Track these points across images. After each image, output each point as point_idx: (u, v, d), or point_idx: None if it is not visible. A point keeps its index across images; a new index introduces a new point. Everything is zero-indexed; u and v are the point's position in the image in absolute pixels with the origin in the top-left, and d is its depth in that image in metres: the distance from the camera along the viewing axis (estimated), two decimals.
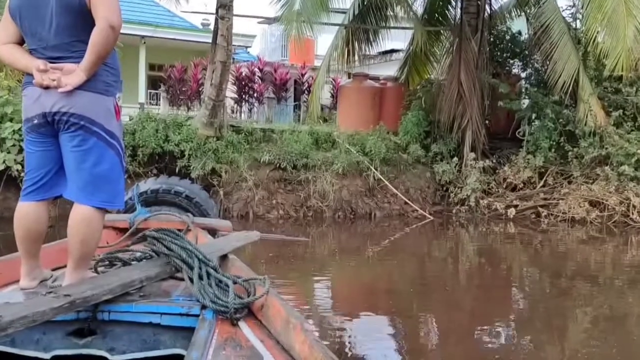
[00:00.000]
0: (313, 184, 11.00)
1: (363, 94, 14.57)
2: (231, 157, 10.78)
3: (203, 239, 3.85)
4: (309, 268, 7.79)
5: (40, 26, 2.63)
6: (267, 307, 2.54)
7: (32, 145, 2.76)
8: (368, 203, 11.37)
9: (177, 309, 2.58)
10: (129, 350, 2.58)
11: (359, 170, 11.81)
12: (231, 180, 10.67)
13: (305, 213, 11.02)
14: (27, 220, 2.76)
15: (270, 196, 10.79)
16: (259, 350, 2.26)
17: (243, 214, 10.63)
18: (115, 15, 2.58)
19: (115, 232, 4.00)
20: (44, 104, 2.61)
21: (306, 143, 11.31)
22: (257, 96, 18.13)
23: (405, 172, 12.50)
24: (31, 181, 2.78)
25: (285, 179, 11.06)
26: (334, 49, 14.11)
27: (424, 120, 13.28)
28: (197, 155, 10.52)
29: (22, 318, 2.08)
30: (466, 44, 12.83)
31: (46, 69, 2.58)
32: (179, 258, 2.82)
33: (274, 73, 19.22)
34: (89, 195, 2.68)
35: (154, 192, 4.74)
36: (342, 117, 14.36)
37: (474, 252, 9.52)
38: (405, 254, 9.23)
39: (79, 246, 2.68)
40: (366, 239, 10.44)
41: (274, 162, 10.97)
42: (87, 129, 2.66)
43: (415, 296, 6.48)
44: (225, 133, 11.14)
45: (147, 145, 10.35)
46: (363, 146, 12.32)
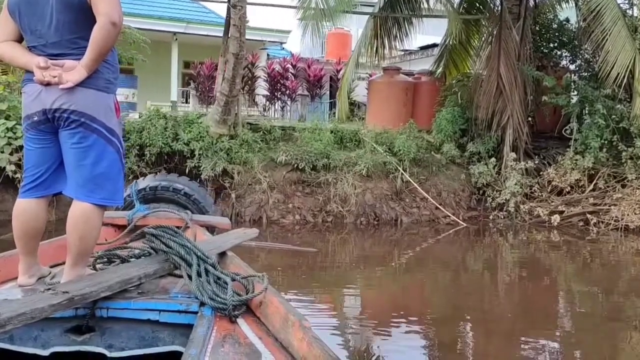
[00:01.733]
0: (333, 186, 10.29)
1: (394, 89, 13.92)
2: (245, 157, 9.99)
3: (202, 236, 3.92)
4: (330, 279, 7.46)
5: (40, 23, 2.66)
6: (265, 304, 2.57)
7: (32, 142, 2.80)
8: (394, 208, 10.41)
9: (175, 306, 2.61)
10: (128, 347, 2.60)
11: (385, 172, 11.28)
12: (244, 182, 9.88)
13: (324, 218, 10.24)
14: (25, 217, 2.79)
15: (286, 200, 9.93)
16: (257, 348, 2.28)
17: (256, 218, 10.04)
18: (116, 11, 2.60)
19: (114, 229, 4.08)
20: (44, 101, 2.65)
21: (327, 142, 10.42)
22: (290, 93, 17.45)
23: (437, 174, 11.88)
24: (30, 178, 2.81)
25: (303, 181, 10.40)
26: (363, 42, 12.85)
27: (460, 117, 12.57)
28: (207, 155, 9.84)
29: (20, 315, 2.09)
30: (507, 33, 12.11)
31: (47, 65, 2.61)
32: (177, 255, 2.86)
33: (308, 69, 18.61)
34: (88, 192, 2.72)
35: (152, 189, 4.81)
36: (371, 114, 13.64)
37: (513, 263, 8.95)
38: (437, 263, 8.73)
39: (78, 243, 2.71)
40: (392, 247, 9.83)
41: (291, 163, 10.31)
42: (88, 126, 2.70)
43: (450, 308, 6.18)
44: (239, 131, 10.18)
45: (155, 144, 9.45)
46: (391, 145, 11.76)
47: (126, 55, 18.09)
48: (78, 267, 2.77)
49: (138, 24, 18.60)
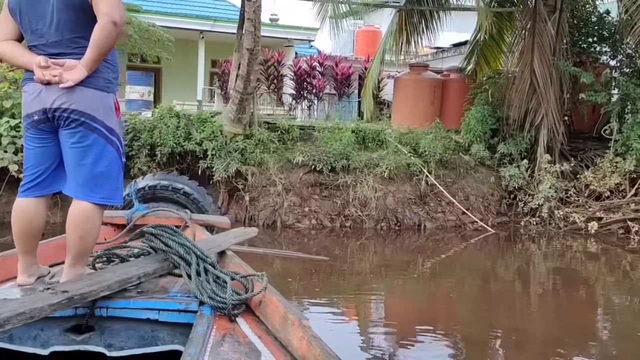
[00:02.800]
0: (353, 189, 9.79)
1: (421, 86, 13.49)
2: (260, 158, 9.38)
3: (201, 235, 3.96)
4: (349, 286, 7.22)
5: (40, 22, 2.68)
6: (265, 304, 2.58)
7: (32, 142, 2.81)
8: (417, 212, 9.80)
9: (175, 305, 2.61)
10: (127, 346, 2.60)
11: (408, 174, 10.91)
12: (258, 184, 9.40)
13: (343, 223, 9.71)
14: (25, 216, 2.80)
15: (302, 203, 9.45)
16: (256, 346, 2.28)
17: (270, 222, 9.48)
18: (117, 11, 2.61)
19: (113, 228, 4.11)
20: (45, 100, 2.66)
21: (347, 142, 9.80)
22: (316, 92, 17.12)
23: (465, 177, 11.42)
24: (30, 177, 2.81)
25: (320, 183, 9.88)
26: (389, 38, 12.15)
27: (490, 116, 12.04)
28: (220, 156, 9.32)
29: (19, 314, 2.10)
30: (541, 26, 11.54)
31: (47, 65, 2.62)
32: (176, 254, 2.87)
33: (335, 67, 18.30)
34: (88, 191, 2.73)
35: (151, 188, 4.85)
36: (397, 113, 13.17)
37: (547, 273, 8.51)
38: (464, 272, 8.37)
39: (78, 242, 2.73)
40: (415, 254, 9.40)
41: (308, 164, 9.65)
42: (88, 125, 2.71)
43: (478, 321, 5.92)
44: (255, 131, 9.57)
45: (166, 144, 8.97)
46: (416, 146, 11.31)
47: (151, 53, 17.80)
48: (77, 267, 2.79)
49: (164, 22, 18.37)
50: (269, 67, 16.91)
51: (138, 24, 17.05)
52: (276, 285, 6.17)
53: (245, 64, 9.85)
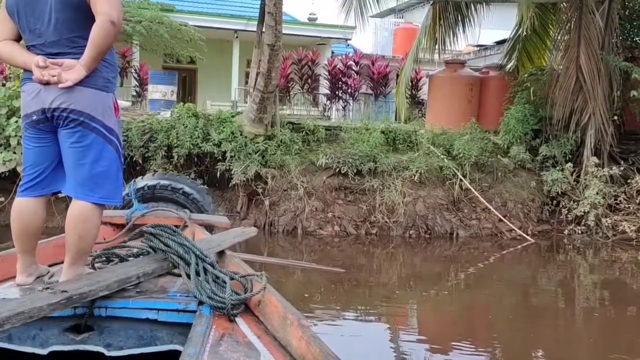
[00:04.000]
0: (380, 194, 9.17)
1: (457, 84, 12.94)
2: (281, 160, 8.69)
3: (200, 235, 3.97)
4: (376, 298, 6.90)
5: (39, 22, 2.71)
6: (264, 303, 2.62)
7: (31, 142, 2.84)
8: (449, 219, 9.17)
9: (174, 305, 2.64)
10: (126, 346, 2.64)
11: (441, 178, 10.45)
12: (279, 188, 8.73)
13: (368, 230, 9.19)
14: (24, 216, 2.84)
15: (325, 208, 8.91)
16: (256, 347, 2.30)
17: (290, 229, 8.77)
18: (116, 10, 2.64)
19: (112, 228, 4.13)
20: (44, 100, 2.69)
21: (375, 143, 9.13)
22: (351, 92, 16.71)
23: (503, 181, 10.82)
24: (29, 177, 2.85)
25: (345, 187, 9.42)
26: (423, 33, 11.38)
27: (532, 116, 11.37)
28: (239, 157, 8.67)
29: (18, 314, 2.13)
30: (588, 18, 10.82)
31: (46, 64, 2.65)
32: (176, 254, 2.92)
33: (372, 66, 17.92)
34: (87, 191, 2.77)
35: (151, 188, 4.85)
36: (431, 112, 12.85)
37: (593, 287, 8.03)
38: (502, 284, 7.97)
39: (77, 242, 2.76)
40: (447, 264, 8.92)
41: (333, 167, 8.84)
42: (87, 125, 2.74)
43: (519, 336, 5.68)
44: (277, 131, 8.97)
45: (183, 145, 8.37)
46: (450, 147, 10.76)
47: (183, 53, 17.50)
48: (76, 266, 2.81)
49: (197, 22, 18.15)
50: (302, 66, 16.50)
51: (169, 23, 16.76)
52: (298, 296, 5.77)
53: (266, 60, 9.43)
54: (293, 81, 16.50)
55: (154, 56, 18.13)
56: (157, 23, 16.60)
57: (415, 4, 26.72)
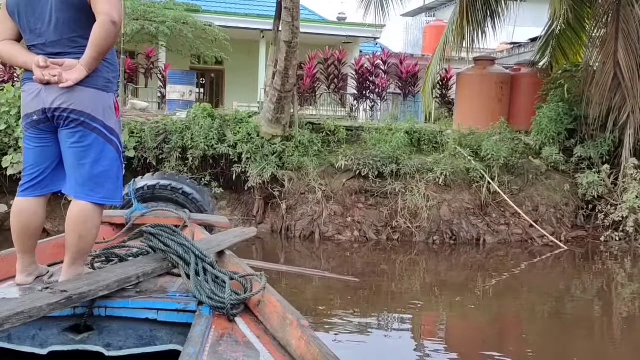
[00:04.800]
0: (402, 197, 8.61)
1: (487, 82, 12.49)
2: (299, 162, 8.36)
3: (200, 235, 3.98)
4: (399, 306, 6.67)
5: (39, 22, 2.73)
6: (263, 304, 2.62)
7: (31, 141, 2.86)
8: (476, 225, 8.75)
9: (173, 305, 2.66)
10: (126, 346, 2.66)
11: (467, 181, 10.02)
12: (296, 191, 8.32)
13: (390, 236, 8.89)
14: (24, 215, 2.86)
15: (345, 212, 8.55)
16: (255, 347, 2.30)
17: (307, 234, 8.29)
18: (116, 10, 2.66)
19: (112, 228, 4.15)
20: (44, 100, 2.71)
21: (398, 144, 8.68)
22: (379, 92, 16.29)
23: (534, 184, 10.31)
24: (29, 177, 2.87)
25: (366, 190, 9.21)
26: (450, 29, 10.84)
27: (566, 115, 10.83)
28: (256, 159, 8.27)
29: (18, 314, 2.13)
30: (627, 11, 10.34)
31: (47, 64, 2.66)
32: (175, 254, 2.93)
33: (400, 65, 17.30)
34: (88, 191, 2.79)
35: (150, 188, 4.85)
36: (459, 112, 12.60)
37: (632, 298, 7.60)
38: (533, 293, 7.60)
39: (77, 242, 2.78)
40: (474, 271, 8.54)
41: (353, 169, 8.42)
42: (87, 125, 2.75)
43: (554, 350, 5.38)
44: (295, 132, 8.55)
45: (197, 147, 7.97)
46: (478, 148, 10.31)
47: (208, 54, 17.29)
48: (76, 266, 2.82)
49: (223, 22, 17.93)
50: (329, 66, 16.10)
51: (193, 23, 16.55)
52: (316, 304, 5.66)
53: (283, 58, 9.01)
54: (319, 81, 16.11)
55: (179, 57, 17.99)
56: (181, 23, 16.42)
57: (447, 2, 26.10)
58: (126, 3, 16.05)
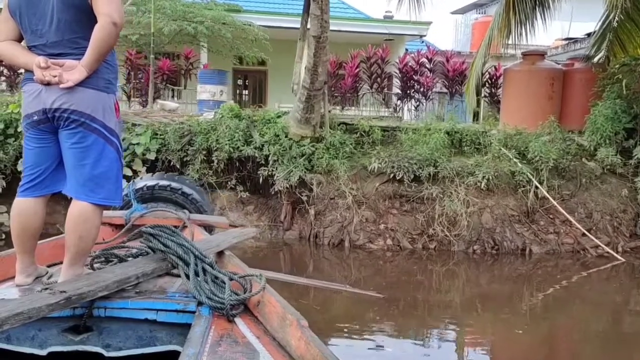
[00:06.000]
0: (440, 203, 7.88)
1: (536, 79, 11.64)
2: (329, 164, 7.72)
3: (199, 235, 4.03)
4: (439, 320, 6.28)
5: (40, 23, 2.79)
6: (263, 304, 2.66)
7: (31, 142, 2.92)
8: (522, 233, 8.05)
9: (173, 306, 2.70)
10: (125, 346, 2.70)
11: (512, 185, 9.24)
12: (325, 196, 7.70)
13: (426, 244, 8.08)
14: (24, 216, 2.91)
15: (377, 219, 8.01)
16: (255, 347, 2.33)
17: (336, 242, 7.52)
18: (117, 12, 2.71)
19: (111, 228, 4.17)
20: (45, 101, 2.77)
21: (436, 145, 8.03)
22: (424, 91, 15.79)
23: (588, 188, 9.49)
24: (29, 177, 2.92)
25: (400, 195, 8.72)
26: (496, 23, 10.06)
27: (624, 112, 9.97)
28: (283, 162, 7.64)
29: (17, 315, 2.16)
30: None
31: (47, 65, 2.71)
32: (175, 254, 2.98)
33: (446, 63, 16.71)
34: (88, 192, 2.83)
35: (150, 188, 4.84)
36: (506, 110, 11.76)
37: None
38: (588, 309, 6.99)
39: (77, 242, 2.83)
40: (519, 284, 7.91)
41: (387, 172, 7.74)
42: (87, 126, 2.80)
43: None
44: (326, 132, 7.94)
45: (222, 149, 7.46)
46: (526, 150, 9.55)
47: (249, 54, 16.92)
48: (76, 267, 2.86)
49: (264, 22, 17.55)
50: (371, 64, 15.50)
51: (232, 22, 16.20)
52: (347, 319, 5.46)
53: (312, 54, 8.46)
54: (362, 80, 15.52)
55: (220, 58, 17.68)
56: (220, 23, 16.08)
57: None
58: (164, 3, 15.88)
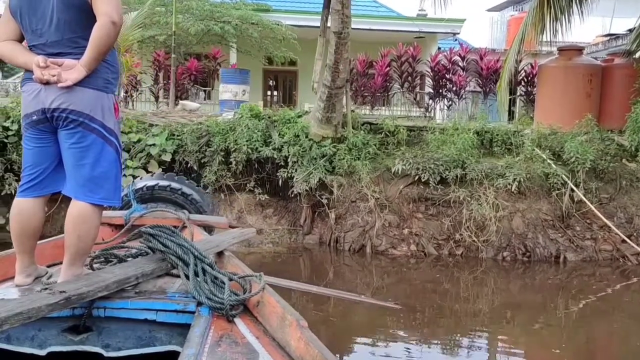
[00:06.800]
0: (467, 206, 7.40)
1: (572, 75, 10.96)
2: (350, 166, 7.37)
3: (199, 235, 4.04)
4: (467, 330, 5.96)
5: (40, 22, 2.80)
6: (262, 304, 2.66)
7: (30, 142, 2.92)
8: (555, 239, 7.62)
9: (172, 306, 2.70)
10: (125, 346, 2.71)
11: (545, 187, 8.72)
12: (346, 199, 7.29)
13: (452, 250, 7.58)
14: (23, 216, 2.91)
15: (401, 223, 7.64)
16: (254, 347, 2.33)
17: (357, 247, 7.10)
18: (117, 11, 2.73)
19: (111, 228, 4.18)
20: (44, 100, 2.77)
21: (464, 146, 7.64)
22: (456, 90, 15.21)
23: (628, 191, 8.95)
24: (28, 177, 2.92)
25: (425, 198, 8.41)
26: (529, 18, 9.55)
27: None
28: (302, 163, 7.25)
29: (17, 315, 2.16)
30: None
31: (46, 64, 2.72)
32: (174, 255, 2.98)
33: (480, 61, 16.11)
34: (88, 192, 2.84)
35: (150, 188, 4.89)
36: (540, 108, 11.40)
37: None
38: (629, 320, 6.58)
39: (76, 242, 2.84)
40: (553, 293, 7.50)
41: (411, 174, 7.31)
42: (87, 125, 2.81)
43: None
44: (348, 133, 7.55)
45: (240, 150, 7.14)
46: (561, 150, 9.06)
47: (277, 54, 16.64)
48: (75, 267, 2.86)
49: (293, 21, 17.39)
50: (402, 63, 15.03)
51: (260, 21, 15.94)
52: (370, 328, 5.49)
53: (332, 51, 8.11)
54: (392, 80, 15.08)
55: (249, 58, 17.44)
56: (248, 23, 15.82)
57: None
58: (192, 3, 15.69)
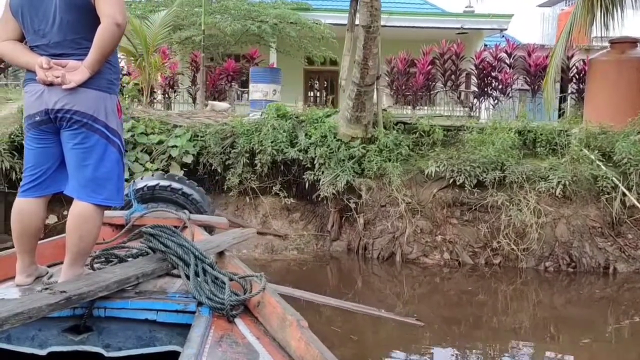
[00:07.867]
0: (506, 212, 6.87)
1: (626, 69, 10.12)
2: (381, 168, 6.89)
3: (199, 235, 4.07)
4: (504, 346, 5.55)
5: (43, 23, 2.80)
6: (263, 304, 2.67)
7: (33, 142, 2.94)
8: (604, 248, 7.07)
9: (173, 306, 2.71)
10: (125, 346, 2.72)
11: (594, 191, 8.05)
12: (375, 203, 6.85)
13: (489, 259, 6.89)
14: (24, 216, 2.94)
15: (434, 229, 7.25)
16: (255, 347, 2.35)
17: (386, 255, 6.66)
18: (121, 13, 2.74)
19: (112, 228, 4.21)
20: (47, 101, 2.79)
21: (504, 147, 7.05)
22: (502, 88, 14.79)
23: None
24: (30, 177, 2.96)
25: (461, 202, 8.25)
26: (577, 9, 8.91)
27: None
28: (330, 165, 6.82)
29: (17, 314, 2.17)
30: None
31: (50, 66, 2.73)
32: (175, 255, 2.99)
33: (528, 58, 15.53)
34: (90, 192, 2.87)
35: (150, 188, 4.90)
36: (589, 106, 10.77)
37: None
38: None
39: (78, 242, 2.86)
40: (603, 307, 6.96)
41: (446, 176, 6.79)
42: (90, 126, 2.83)
43: None
44: (379, 133, 7.13)
45: (265, 151, 6.78)
46: (611, 151, 8.37)
47: (316, 53, 16.30)
48: (76, 267, 2.89)
49: (335, 20, 16.92)
50: (445, 61, 14.49)
51: (298, 20, 15.60)
52: (400, 342, 5.16)
53: (361, 46, 7.68)
54: (435, 78, 14.52)
55: (289, 58, 17.15)
56: (287, 22, 15.49)
57: None
58: (229, 3, 15.45)
